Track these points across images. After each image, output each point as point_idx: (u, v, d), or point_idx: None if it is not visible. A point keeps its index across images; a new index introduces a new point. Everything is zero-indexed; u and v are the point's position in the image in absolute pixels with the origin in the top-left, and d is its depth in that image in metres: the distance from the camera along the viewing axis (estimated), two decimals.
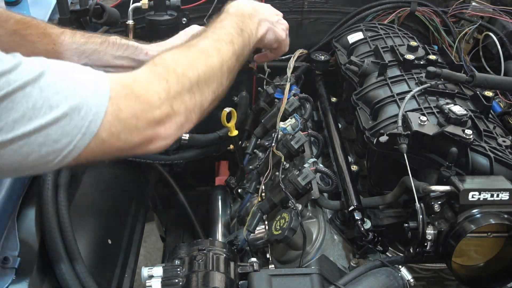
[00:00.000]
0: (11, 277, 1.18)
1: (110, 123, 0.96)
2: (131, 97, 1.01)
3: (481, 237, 1.25)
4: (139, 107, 1.02)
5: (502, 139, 1.45)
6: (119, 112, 0.98)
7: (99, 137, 0.95)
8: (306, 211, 1.64)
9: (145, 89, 1.05)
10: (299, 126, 1.68)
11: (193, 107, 1.15)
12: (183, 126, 1.13)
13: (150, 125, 1.05)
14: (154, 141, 1.08)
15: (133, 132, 1.02)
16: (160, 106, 1.06)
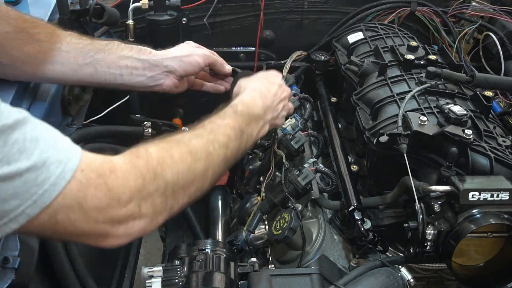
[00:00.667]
0: (11, 277, 1.18)
1: (71, 208, 0.91)
2: (102, 189, 0.95)
3: (481, 237, 1.25)
4: (106, 201, 0.96)
5: (502, 139, 1.45)
6: (83, 200, 0.93)
7: (53, 216, 0.90)
8: (306, 211, 1.64)
9: (119, 183, 0.98)
10: (299, 126, 1.67)
11: (161, 211, 1.08)
12: (145, 229, 1.06)
13: (111, 222, 0.99)
14: (108, 238, 1.01)
15: (90, 224, 0.95)
16: (127, 205, 1.00)
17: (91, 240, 1.00)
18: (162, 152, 1.11)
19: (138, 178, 1.02)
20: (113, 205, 0.97)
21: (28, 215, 0.86)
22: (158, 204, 1.06)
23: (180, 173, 1.11)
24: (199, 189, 1.17)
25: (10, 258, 1.19)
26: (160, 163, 1.08)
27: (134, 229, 1.02)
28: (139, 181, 1.01)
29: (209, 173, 1.19)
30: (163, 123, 1.75)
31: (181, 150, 1.15)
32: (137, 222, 1.02)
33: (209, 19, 2.20)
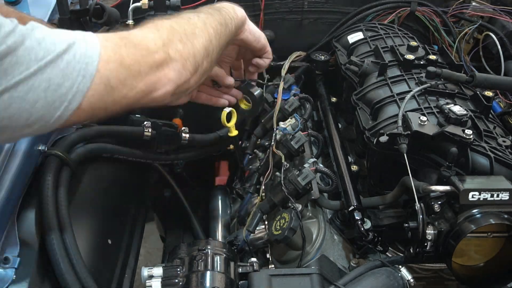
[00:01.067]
0: (11, 277, 1.18)
1: (116, 70, 1.03)
2: (130, 45, 1.08)
3: (481, 237, 1.25)
4: (139, 53, 1.09)
5: (502, 139, 1.45)
6: (122, 59, 1.05)
7: (107, 83, 1.02)
8: (306, 211, 1.64)
9: (140, 37, 1.13)
10: (299, 126, 1.68)
11: (187, 55, 1.21)
12: (180, 72, 1.19)
13: (152, 69, 1.12)
14: (158, 86, 1.14)
15: (137, 78, 1.08)
16: (157, 51, 1.13)
17: (144, 96, 1.13)
18: (161, 18, 1.25)
19: (154, 31, 1.17)
20: (146, 55, 1.11)
21: (82, 91, 0.97)
22: (181, 49, 1.19)
23: (184, 25, 1.25)
24: (209, 41, 1.29)
25: (10, 258, 1.20)
26: (165, 22, 1.22)
27: (171, 73, 1.16)
28: (156, 33, 1.17)
29: (208, 27, 1.31)
30: (163, 123, 1.75)
31: (174, 16, 1.30)
32: (171, 66, 1.16)
33: None
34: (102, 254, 1.55)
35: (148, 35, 1.15)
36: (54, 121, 0.97)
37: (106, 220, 1.63)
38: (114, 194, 1.75)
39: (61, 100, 0.95)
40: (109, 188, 1.72)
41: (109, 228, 1.64)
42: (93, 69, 0.98)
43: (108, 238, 1.61)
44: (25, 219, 1.31)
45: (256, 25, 2.15)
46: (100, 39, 1.03)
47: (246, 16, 1.54)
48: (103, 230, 1.60)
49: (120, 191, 1.81)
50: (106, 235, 1.60)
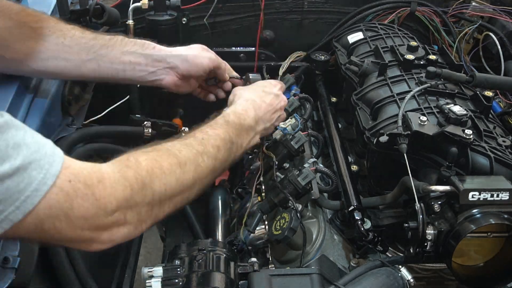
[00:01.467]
0: (11, 277, 1.18)
1: (57, 217, 0.93)
2: (89, 199, 0.97)
3: (481, 237, 1.25)
4: (92, 210, 0.98)
5: (502, 139, 1.45)
6: (70, 210, 0.94)
7: (39, 223, 0.92)
8: (306, 211, 1.64)
9: (106, 193, 1.00)
10: (299, 126, 1.67)
11: (146, 219, 1.11)
12: (129, 235, 1.09)
13: (96, 229, 1.01)
14: (93, 244, 1.04)
15: (75, 231, 0.98)
16: (113, 214, 1.02)
17: (75, 245, 1.06)
18: (152, 162, 1.13)
19: (126, 188, 1.04)
20: (99, 214, 0.99)
21: (11, 221, 0.87)
22: (144, 213, 1.09)
23: (168, 184, 1.13)
24: (185, 199, 1.21)
25: (10, 258, 1.19)
26: (149, 174, 1.10)
27: (117, 235, 1.06)
28: (127, 191, 1.04)
29: (196, 184, 1.23)
30: (163, 123, 1.75)
31: (171, 161, 1.17)
32: (121, 229, 1.05)
33: (209, 19, 2.20)
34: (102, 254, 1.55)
35: (115, 193, 1.02)
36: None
37: None
38: None
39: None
40: None
41: None
42: (30, 206, 0.88)
43: None
44: None
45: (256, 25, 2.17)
46: (58, 170, 0.92)
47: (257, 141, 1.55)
48: None
49: None
50: None
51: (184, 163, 1.19)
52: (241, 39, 2.28)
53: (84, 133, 1.59)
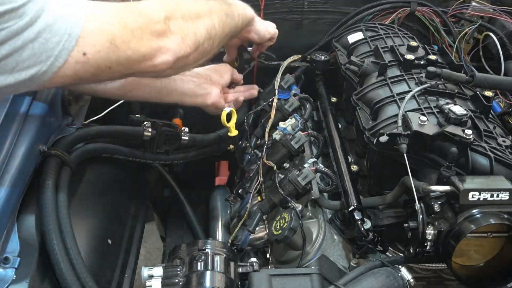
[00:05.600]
0: (11, 277, 1.18)
1: (121, 31, 1.12)
2: (134, 12, 1.18)
3: (481, 237, 1.25)
4: (142, 20, 1.17)
5: (502, 139, 1.45)
6: (125, 22, 1.13)
7: (113, 42, 1.10)
8: (306, 211, 1.64)
9: (145, 6, 1.21)
10: (299, 126, 1.68)
11: (187, 32, 1.28)
12: (180, 46, 1.25)
13: (154, 37, 1.19)
14: (159, 54, 1.21)
15: (140, 41, 1.16)
16: (159, 22, 1.21)
17: (145, 61, 1.20)
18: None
19: (158, 3, 1.26)
20: (149, 23, 1.19)
21: (68, 49, 1.04)
22: (183, 25, 1.27)
23: (189, 5, 1.33)
24: (211, 24, 1.37)
25: (10, 258, 1.20)
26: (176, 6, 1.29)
27: (171, 44, 1.23)
28: (161, 4, 1.25)
29: (214, 15, 1.39)
30: (163, 123, 1.75)
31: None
32: (172, 38, 1.23)
33: None
34: (102, 254, 1.55)
35: (152, 5, 1.22)
36: (44, 75, 1.04)
37: (106, 220, 1.64)
38: (114, 194, 1.75)
39: (47, 55, 1.01)
40: (109, 188, 1.72)
41: (109, 228, 1.64)
42: (78, 31, 1.04)
43: (108, 238, 1.61)
44: (25, 219, 1.31)
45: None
46: (101, 4, 1.12)
47: (255, 17, 1.69)
48: (103, 230, 1.60)
49: (120, 191, 1.81)
50: (106, 235, 1.61)
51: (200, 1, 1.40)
52: None
53: (84, 133, 1.59)
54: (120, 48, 1.12)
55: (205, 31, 1.33)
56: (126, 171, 1.84)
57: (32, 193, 1.36)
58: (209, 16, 1.37)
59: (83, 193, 1.56)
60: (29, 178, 1.38)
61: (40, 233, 1.30)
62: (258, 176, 1.70)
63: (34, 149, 1.40)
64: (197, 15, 1.32)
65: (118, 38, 1.11)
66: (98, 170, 1.69)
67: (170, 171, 2.07)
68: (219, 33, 1.41)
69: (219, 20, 1.40)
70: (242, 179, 1.87)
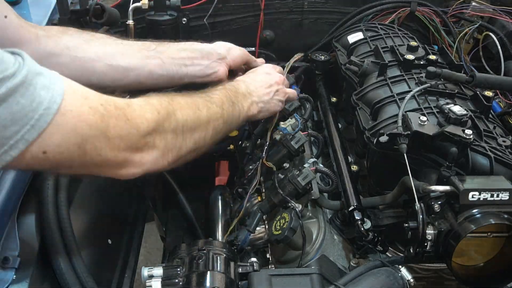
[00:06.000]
0: (11, 277, 1.18)
1: (96, 137, 1.00)
2: (122, 119, 1.06)
3: (481, 237, 1.25)
4: (127, 129, 1.07)
5: (502, 139, 1.45)
6: (107, 129, 1.02)
7: (82, 146, 0.99)
8: (306, 211, 1.64)
9: (136, 115, 1.10)
10: (299, 126, 1.68)
11: (172, 147, 1.20)
12: (157, 162, 1.17)
13: (131, 149, 1.09)
14: (128, 166, 1.12)
15: (113, 151, 1.06)
16: (145, 135, 1.11)
17: (112, 169, 1.12)
18: (170, 96, 1.25)
19: (153, 111, 1.14)
20: (133, 134, 1.08)
21: (27, 141, 0.91)
22: (170, 140, 1.18)
23: (187, 115, 1.24)
24: (203, 137, 1.30)
25: (10, 258, 1.20)
26: (170, 104, 1.21)
27: (147, 158, 1.14)
28: (155, 114, 1.14)
29: (210, 125, 1.32)
30: None
31: (186, 99, 1.29)
32: (151, 153, 1.14)
33: (209, 19, 2.20)
34: (102, 254, 1.55)
35: (145, 114, 1.12)
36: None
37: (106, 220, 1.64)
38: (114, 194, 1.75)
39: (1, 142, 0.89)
40: (109, 188, 1.72)
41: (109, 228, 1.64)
42: (44, 124, 0.92)
43: (108, 238, 1.61)
44: (25, 219, 1.30)
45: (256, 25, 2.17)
46: (94, 103, 1.01)
47: (259, 111, 1.59)
48: (103, 230, 1.60)
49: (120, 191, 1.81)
50: (106, 235, 1.61)
51: (197, 102, 1.31)
52: (241, 39, 2.26)
53: None
54: (88, 154, 1.01)
55: (192, 145, 1.28)
56: None
57: (32, 193, 1.36)
58: (204, 127, 1.31)
59: (83, 193, 1.56)
60: (29, 178, 1.38)
61: (40, 233, 1.30)
62: (257, 176, 1.69)
63: None
64: (191, 128, 1.26)
65: (89, 144, 1.00)
66: None
67: (170, 171, 2.07)
68: (208, 143, 1.35)
69: (213, 132, 1.34)
70: (242, 179, 1.87)
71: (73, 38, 1.50)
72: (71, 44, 1.48)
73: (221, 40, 2.11)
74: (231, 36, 2.27)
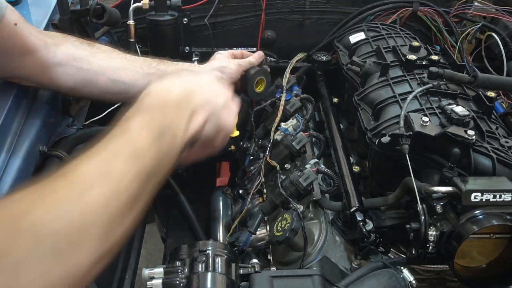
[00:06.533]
0: None
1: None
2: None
3: (484, 238, 1.25)
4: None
5: (505, 140, 1.45)
6: None
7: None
8: (308, 212, 1.63)
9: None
10: (300, 126, 1.67)
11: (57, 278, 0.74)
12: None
13: None
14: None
15: None
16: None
17: None
18: (30, 195, 0.79)
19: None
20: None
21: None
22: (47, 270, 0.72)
23: (64, 217, 0.77)
24: (104, 238, 0.82)
25: None
26: (27, 210, 0.75)
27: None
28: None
29: (116, 203, 0.85)
30: None
31: (60, 184, 0.81)
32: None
33: (210, 19, 2.19)
34: None
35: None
36: None
37: None
38: None
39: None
40: None
41: None
42: None
43: None
44: None
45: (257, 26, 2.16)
46: None
47: (201, 130, 1.13)
48: None
49: None
50: None
51: (83, 178, 0.83)
52: (242, 39, 2.27)
53: (85, 134, 1.58)
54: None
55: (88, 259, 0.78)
56: None
57: None
58: (103, 216, 0.82)
59: None
60: (29, 179, 1.37)
61: None
62: (260, 176, 1.69)
63: (34, 150, 1.39)
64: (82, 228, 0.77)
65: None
66: None
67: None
68: (122, 235, 0.91)
69: (127, 207, 0.88)
70: (243, 180, 1.87)
71: (79, 49, 1.50)
72: (77, 55, 1.48)
73: (222, 40, 2.12)
74: (232, 36, 2.27)
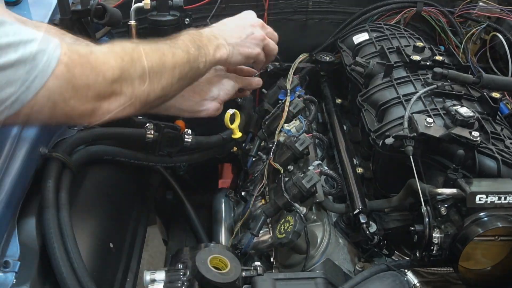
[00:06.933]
0: (11, 281, 1.17)
1: (63, 87, 1.02)
2: (87, 67, 1.07)
3: (488, 240, 1.24)
4: (93, 77, 1.07)
5: (510, 141, 1.44)
6: (73, 79, 1.04)
7: (50, 97, 1.01)
8: (311, 214, 1.62)
9: (101, 62, 1.10)
10: (303, 128, 1.66)
11: (139, 94, 1.19)
12: (124, 108, 1.17)
13: (99, 97, 1.10)
14: (96, 114, 1.13)
15: (81, 100, 1.07)
16: (111, 82, 1.11)
17: (80, 118, 1.12)
18: (134, 44, 1.25)
19: (117, 59, 1.14)
20: (99, 82, 1.09)
21: (22, 102, 0.98)
22: (136, 86, 1.18)
23: (153, 61, 1.23)
24: (170, 83, 1.29)
25: (10, 262, 1.19)
26: (135, 50, 1.20)
27: (115, 105, 1.15)
28: (119, 61, 1.13)
29: (176, 70, 1.31)
30: (165, 125, 1.73)
31: (150, 46, 1.27)
32: (118, 100, 1.15)
33: (212, 20, 2.18)
34: (104, 258, 1.54)
35: (109, 61, 1.13)
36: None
37: (107, 223, 1.62)
38: (116, 197, 1.73)
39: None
40: (110, 191, 1.70)
41: (110, 232, 1.63)
42: (38, 85, 0.98)
43: (110, 242, 1.59)
44: (26, 223, 1.30)
45: None
46: (60, 52, 1.02)
47: (228, 56, 1.54)
48: (104, 234, 1.58)
49: (122, 194, 1.79)
50: (107, 238, 1.59)
51: (162, 48, 1.30)
52: None
53: (85, 136, 1.57)
54: (58, 105, 1.04)
55: (160, 91, 1.27)
56: (128, 174, 1.83)
57: (33, 196, 1.35)
58: (171, 73, 1.30)
59: (84, 196, 1.55)
60: (29, 181, 1.37)
61: (40, 236, 1.29)
62: (263, 178, 1.68)
63: (34, 152, 1.38)
64: (158, 74, 1.25)
65: (57, 95, 1.03)
66: (100, 173, 1.67)
67: (173, 174, 2.06)
68: (176, 90, 1.36)
69: (179, 76, 1.33)
70: (245, 182, 1.86)
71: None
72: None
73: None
74: None
